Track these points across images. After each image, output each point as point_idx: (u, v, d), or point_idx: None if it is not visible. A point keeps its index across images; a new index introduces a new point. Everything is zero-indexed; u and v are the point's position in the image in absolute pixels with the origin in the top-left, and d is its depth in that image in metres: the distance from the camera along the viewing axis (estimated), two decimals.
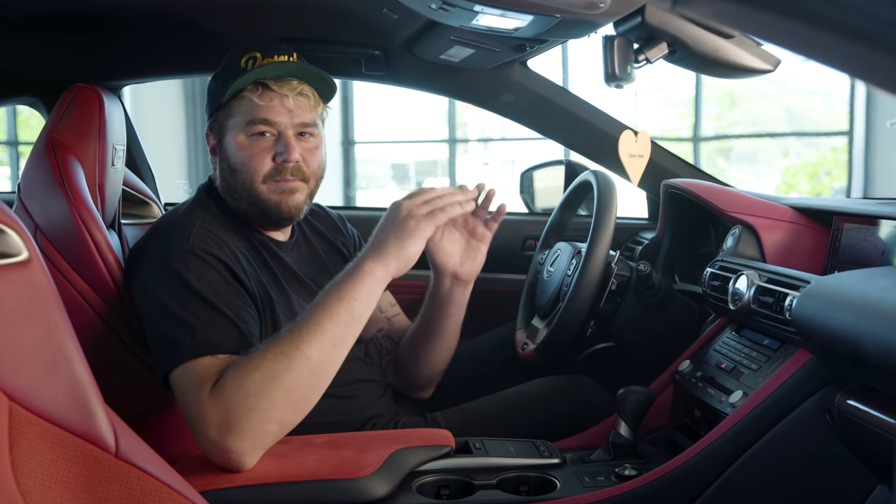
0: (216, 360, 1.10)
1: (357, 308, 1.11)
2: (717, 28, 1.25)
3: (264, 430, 1.05)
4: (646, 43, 1.27)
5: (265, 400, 1.04)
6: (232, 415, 1.03)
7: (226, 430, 1.03)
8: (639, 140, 1.49)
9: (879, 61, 0.42)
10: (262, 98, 1.25)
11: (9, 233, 0.63)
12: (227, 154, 1.30)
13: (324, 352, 1.07)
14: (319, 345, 1.07)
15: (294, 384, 1.05)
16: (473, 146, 10.09)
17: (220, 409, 1.04)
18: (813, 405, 1.11)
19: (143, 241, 1.29)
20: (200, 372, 1.08)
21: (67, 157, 1.27)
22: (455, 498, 1.16)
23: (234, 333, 1.13)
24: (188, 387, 1.08)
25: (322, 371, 1.08)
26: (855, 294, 1.00)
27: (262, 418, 1.04)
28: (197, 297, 1.14)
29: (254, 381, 1.04)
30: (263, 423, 1.04)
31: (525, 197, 2.16)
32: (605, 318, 1.54)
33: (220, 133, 1.31)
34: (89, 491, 0.66)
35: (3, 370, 0.62)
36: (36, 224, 1.26)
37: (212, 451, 1.06)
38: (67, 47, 1.62)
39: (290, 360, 1.05)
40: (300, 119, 1.28)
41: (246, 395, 1.03)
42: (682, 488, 1.16)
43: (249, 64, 1.26)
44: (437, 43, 1.56)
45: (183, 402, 1.09)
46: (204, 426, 1.05)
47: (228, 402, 1.03)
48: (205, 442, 1.06)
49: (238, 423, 1.03)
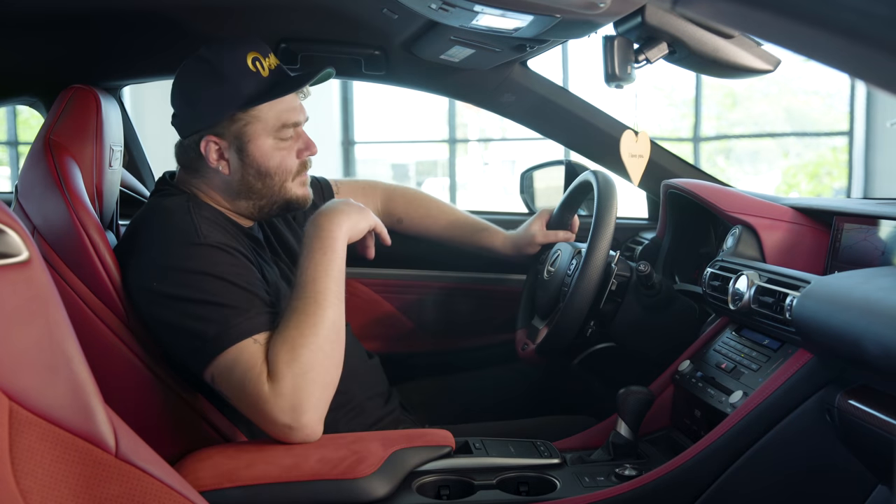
0: (256, 343, 1.14)
1: (333, 269, 1.20)
2: (717, 28, 1.25)
3: (326, 397, 1.14)
4: (646, 43, 1.27)
5: (320, 371, 1.13)
6: (300, 395, 1.10)
7: (298, 412, 1.10)
8: (639, 140, 1.49)
9: (879, 61, 0.42)
10: (284, 102, 1.30)
11: (9, 233, 0.63)
12: (254, 160, 1.29)
13: (339, 310, 1.18)
14: (333, 306, 1.17)
15: (332, 348, 1.16)
16: (473, 146, 10.09)
17: (287, 394, 1.10)
18: (813, 405, 1.11)
19: (135, 240, 1.26)
20: (249, 362, 1.12)
21: (65, 158, 1.27)
22: (455, 498, 1.16)
23: (264, 313, 1.17)
24: (241, 381, 1.12)
25: (341, 327, 1.19)
26: (855, 294, 1.00)
27: (323, 387, 1.13)
28: (223, 283, 1.17)
29: (307, 358, 1.12)
30: (325, 391, 1.14)
31: (525, 197, 2.16)
32: (606, 318, 1.54)
33: (237, 138, 1.27)
34: (89, 491, 0.66)
35: (3, 370, 0.62)
36: (33, 225, 1.26)
37: (286, 434, 1.12)
38: (67, 47, 1.62)
39: (323, 328, 1.15)
40: (305, 114, 1.35)
41: (304, 372, 1.11)
42: (682, 488, 1.16)
43: (258, 66, 1.27)
44: (437, 43, 1.55)
45: (238, 396, 1.13)
46: (275, 415, 1.10)
47: (293, 385, 1.10)
48: (278, 428, 1.11)
49: (308, 400, 1.11)
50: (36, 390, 0.64)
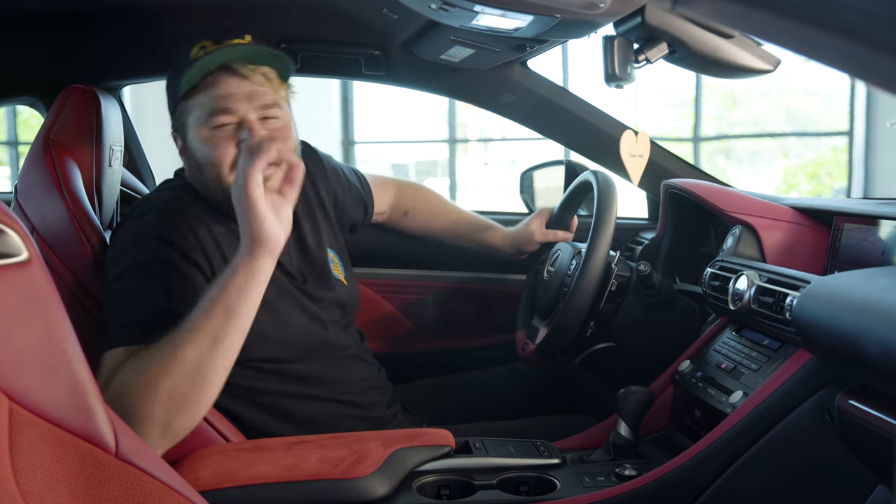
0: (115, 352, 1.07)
1: (236, 302, 1.05)
2: (717, 28, 1.25)
3: (143, 430, 1.01)
4: (646, 43, 1.27)
5: (144, 401, 1.01)
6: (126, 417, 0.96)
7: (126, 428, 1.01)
8: (639, 140, 1.49)
9: (879, 61, 0.42)
10: (219, 87, 1.18)
11: (9, 233, 0.63)
12: (192, 151, 1.23)
13: (200, 351, 1.03)
14: (196, 345, 1.03)
15: (173, 385, 1.02)
16: (473, 146, 10.09)
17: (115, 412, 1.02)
18: (813, 405, 1.11)
19: None
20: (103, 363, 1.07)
21: (64, 158, 1.27)
22: (455, 498, 1.16)
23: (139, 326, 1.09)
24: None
25: (202, 372, 1.03)
26: (855, 294, 1.00)
27: (140, 419, 1.00)
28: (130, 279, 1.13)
29: (136, 383, 1.02)
30: (142, 424, 1.01)
31: (525, 197, 2.16)
32: (606, 318, 1.54)
33: (183, 132, 1.24)
34: (89, 491, 0.66)
35: (3, 370, 0.62)
36: (32, 225, 1.26)
37: None
38: (67, 47, 1.62)
39: (169, 362, 1.02)
40: (261, 101, 1.19)
41: (126, 394, 1.01)
42: (682, 488, 1.16)
43: (201, 54, 1.18)
44: (437, 43, 1.55)
45: None
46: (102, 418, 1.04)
47: (111, 402, 0.95)
48: None
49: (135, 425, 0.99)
50: (36, 390, 0.64)
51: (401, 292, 1.99)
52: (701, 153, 8.26)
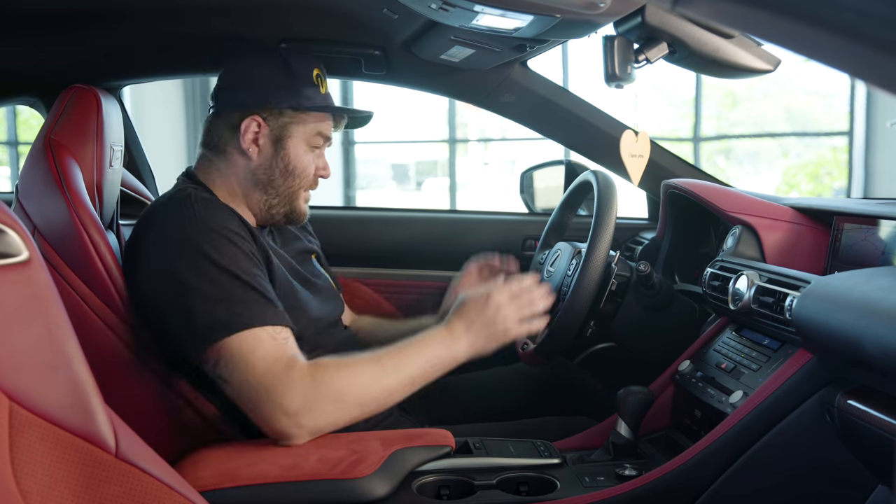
0: (272, 335, 1.15)
1: (432, 371, 1.23)
2: (717, 28, 1.25)
3: (328, 425, 1.15)
4: (646, 43, 1.27)
5: (344, 405, 1.15)
6: (316, 403, 1.13)
7: (304, 411, 1.12)
8: (639, 140, 1.49)
9: (879, 61, 0.42)
10: (326, 121, 1.38)
11: (9, 233, 0.63)
12: (286, 155, 1.34)
13: (400, 389, 1.20)
14: (400, 383, 1.19)
15: (368, 402, 1.17)
16: (473, 146, 10.10)
17: (308, 393, 1.12)
18: (813, 405, 1.11)
19: (140, 229, 1.29)
20: (272, 351, 1.14)
21: (65, 157, 1.27)
22: (455, 498, 1.16)
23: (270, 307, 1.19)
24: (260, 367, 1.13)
25: (387, 402, 1.20)
26: (855, 294, 1.00)
27: (334, 417, 1.15)
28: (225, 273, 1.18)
29: (343, 385, 1.15)
30: (332, 420, 1.15)
31: (525, 197, 2.16)
32: (606, 318, 1.54)
33: (281, 129, 1.34)
34: (89, 491, 0.67)
35: (3, 370, 0.62)
36: (34, 225, 1.26)
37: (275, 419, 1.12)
38: (67, 47, 1.62)
39: (377, 383, 1.17)
40: (332, 141, 1.43)
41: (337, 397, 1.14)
42: (682, 488, 1.16)
43: (320, 83, 1.37)
44: (437, 43, 1.55)
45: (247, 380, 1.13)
46: (283, 398, 1.12)
47: (318, 391, 1.13)
48: (275, 411, 1.12)
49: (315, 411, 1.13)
50: (36, 390, 0.64)
51: (401, 292, 1.99)
52: (701, 153, 8.26)
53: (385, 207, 2.41)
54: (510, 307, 1.26)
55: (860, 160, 7.29)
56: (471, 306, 1.27)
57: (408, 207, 4.56)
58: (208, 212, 1.24)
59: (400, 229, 2.14)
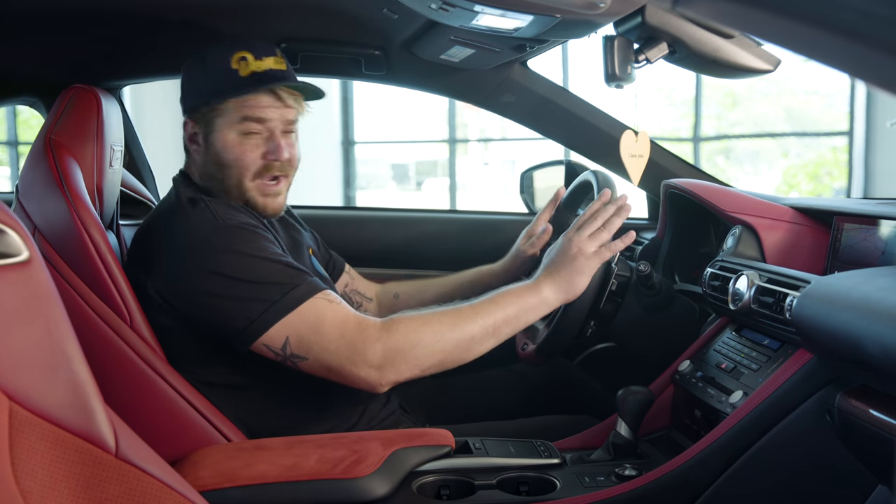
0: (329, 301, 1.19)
1: (523, 316, 1.26)
2: (717, 28, 1.25)
3: (410, 372, 1.20)
4: (646, 43, 1.27)
5: (424, 351, 1.19)
6: (396, 353, 1.18)
7: (386, 363, 1.17)
8: (639, 140, 1.49)
9: (879, 61, 0.42)
10: (258, 100, 1.29)
11: (9, 233, 0.63)
12: (215, 149, 1.32)
13: (483, 334, 1.22)
14: (482, 327, 1.22)
15: (449, 348, 1.21)
16: (473, 146, 10.09)
17: (387, 344, 1.17)
18: (813, 405, 1.11)
19: (154, 236, 1.30)
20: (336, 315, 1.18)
21: (65, 157, 1.27)
22: (455, 498, 1.16)
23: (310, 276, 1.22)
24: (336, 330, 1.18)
25: (470, 348, 1.23)
26: (855, 294, 1.00)
27: (416, 364, 1.19)
28: (261, 260, 1.21)
29: (423, 334, 1.19)
30: (415, 367, 1.19)
31: (525, 197, 2.16)
32: (606, 318, 1.54)
33: (206, 125, 1.32)
34: (89, 491, 0.67)
35: (3, 370, 0.62)
36: (34, 225, 1.26)
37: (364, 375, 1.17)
38: (67, 47, 1.62)
39: (455, 329, 1.21)
40: (287, 117, 1.32)
41: (414, 343, 1.19)
42: (682, 488, 1.16)
43: (242, 66, 1.28)
44: (437, 43, 1.55)
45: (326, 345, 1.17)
46: (365, 354, 1.17)
47: (395, 342, 1.18)
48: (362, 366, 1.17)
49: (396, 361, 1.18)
50: (36, 390, 0.64)
51: None
52: (701, 153, 8.25)
53: (384, 207, 2.41)
54: (583, 238, 1.29)
55: (860, 160, 7.29)
56: (551, 255, 1.31)
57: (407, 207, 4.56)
58: (222, 210, 1.26)
59: (399, 229, 2.14)
